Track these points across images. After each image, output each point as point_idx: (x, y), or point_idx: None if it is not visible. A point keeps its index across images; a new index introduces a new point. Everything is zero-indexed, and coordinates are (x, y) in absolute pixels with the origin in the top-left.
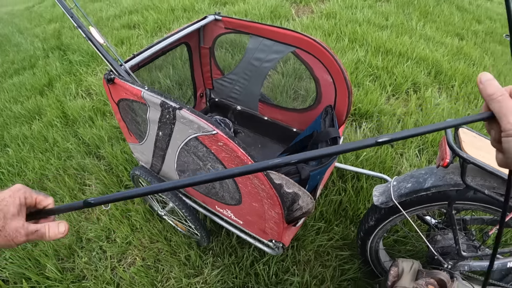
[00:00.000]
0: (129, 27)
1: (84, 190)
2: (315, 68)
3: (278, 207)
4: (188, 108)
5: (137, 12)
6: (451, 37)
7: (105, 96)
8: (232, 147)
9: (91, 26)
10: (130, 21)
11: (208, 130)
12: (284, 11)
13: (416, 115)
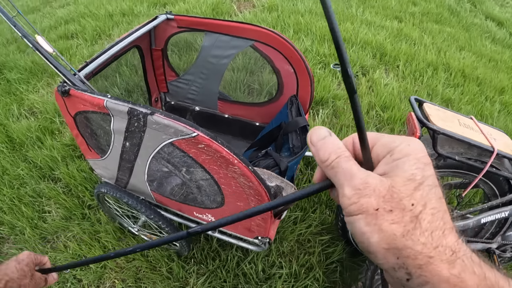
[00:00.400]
0: (66, 37)
1: (44, 217)
2: (275, 59)
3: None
4: (161, 112)
5: (74, 21)
6: (390, 20)
7: (50, 113)
8: (215, 148)
9: (38, 35)
10: (67, 31)
11: (187, 133)
12: (226, 7)
13: (368, 97)
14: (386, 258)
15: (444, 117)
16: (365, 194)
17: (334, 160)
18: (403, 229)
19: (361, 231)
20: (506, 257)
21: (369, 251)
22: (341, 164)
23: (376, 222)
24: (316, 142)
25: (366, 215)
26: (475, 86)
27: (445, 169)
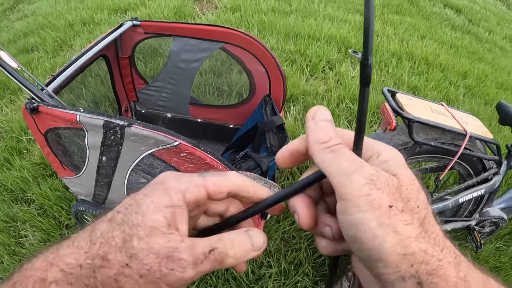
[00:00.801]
0: (27, 51)
1: (22, 243)
2: (245, 60)
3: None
4: (139, 123)
5: (33, 33)
6: (352, 14)
7: (16, 132)
8: (199, 155)
9: (1, 50)
10: (27, 44)
11: (168, 142)
12: (188, 10)
13: (337, 90)
14: (399, 266)
15: (417, 105)
16: (379, 187)
17: (336, 144)
18: (416, 232)
19: (373, 234)
20: (485, 232)
21: (379, 258)
22: (345, 150)
23: (390, 223)
24: (318, 120)
25: (379, 213)
26: (439, 73)
27: (422, 155)
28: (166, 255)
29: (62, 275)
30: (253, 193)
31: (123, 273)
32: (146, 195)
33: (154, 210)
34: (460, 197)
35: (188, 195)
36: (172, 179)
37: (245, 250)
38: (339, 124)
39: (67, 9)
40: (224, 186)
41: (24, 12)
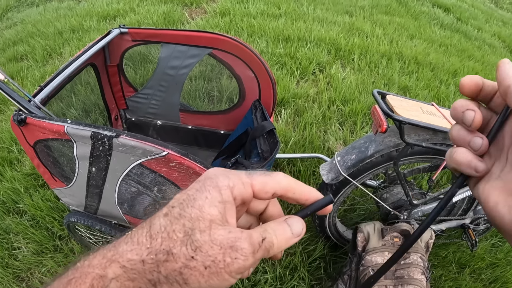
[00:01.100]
0: (16, 59)
1: (15, 255)
2: (234, 65)
3: None
4: (126, 133)
5: (22, 41)
6: (341, 15)
7: (7, 142)
8: (188, 165)
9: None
10: (16, 52)
11: (156, 152)
12: (178, 15)
13: (328, 93)
14: None
15: (407, 106)
16: None
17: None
18: None
19: None
20: (480, 230)
21: None
22: None
23: None
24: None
25: None
26: (429, 72)
27: (414, 156)
28: (229, 245)
29: (123, 271)
30: (299, 194)
31: (188, 266)
32: (198, 190)
33: (210, 204)
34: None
35: (235, 191)
36: (222, 175)
37: (286, 238)
38: (330, 126)
39: (56, 17)
40: (270, 186)
41: (13, 20)
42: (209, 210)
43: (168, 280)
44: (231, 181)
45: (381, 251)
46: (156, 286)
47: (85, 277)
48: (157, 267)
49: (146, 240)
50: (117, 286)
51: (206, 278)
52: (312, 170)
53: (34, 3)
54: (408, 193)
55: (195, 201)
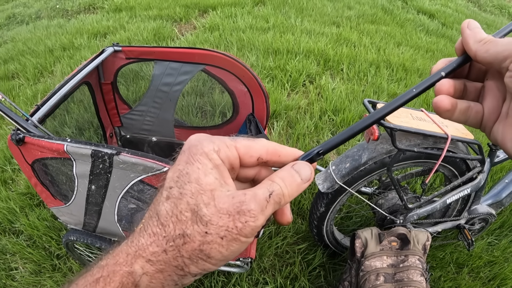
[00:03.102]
0: (7, 78)
1: (12, 275)
2: (227, 80)
3: None
4: (127, 151)
5: (13, 60)
6: (329, 26)
7: (0, 162)
8: None
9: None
10: (7, 71)
11: (157, 168)
12: (167, 31)
13: (319, 103)
14: None
15: (397, 114)
16: None
17: (492, 38)
18: None
19: None
20: (475, 229)
21: None
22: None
23: None
24: (472, 28)
25: None
26: (417, 78)
27: (406, 161)
28: (236, 211)
29: (150, 265)
30: (285, 157)
31: (206, 242)
32: (188, 162)
33: (204, 174)
34: (448, 198)
35: (222, 154)
36: (205, 140)
37: (297, 184)
38: (323, 136)
39: (47, 35)
40: (255, 150)
41: (3, 38)
42: (206, 180)
43: (192, 260)
44: (215, 144)
45: (380, 256)
46: (184, 270)
47: (114, 275)
48: (179, 252)
49: (160, 229)
50: (147, 280)
51: (225, 247)
52: None
53: (24, 21)
54: (403, 198)
55: (189, 175)
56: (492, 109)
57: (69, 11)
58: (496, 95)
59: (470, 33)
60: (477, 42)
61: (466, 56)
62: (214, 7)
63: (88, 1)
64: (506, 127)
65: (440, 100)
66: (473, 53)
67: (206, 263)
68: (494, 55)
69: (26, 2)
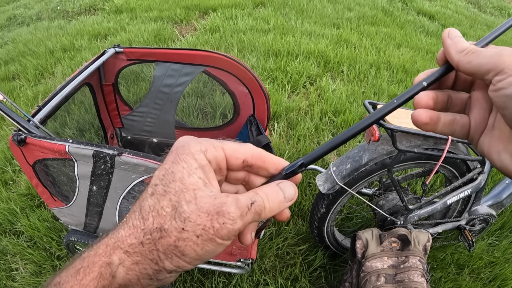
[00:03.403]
0: (8, 79)
1: (13, 276)
2: (228, 82)
3: None
4: (129, 151)
5: (14, 61)
6: (329, 28)
7: (1, 162)
8: None
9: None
10: (8, 72)
11: None
12: (168, 33)
13: (320, 105)
14: None
15: (397, 115)
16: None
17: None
18: None
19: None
20: (476, 230)
21: None
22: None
23: None
24: (453, 37)
25: None
26: None
27: (407, 162)
28: (215, 211)
29: (126, 256)
30: (269, 163)
31: (181, 238)
32: (174, 162)
33: (189, 174)
34: (448, 199)
35: (209, 155)
36: (192, 141)
37: (279, 202)
38: (323, 138)
39: (47, 36)
40: (241, 152)
41: (4, 39)
42: (189, 179)
43: (167, 255)
44: (202, 145)
45: (381, 257)
46: (159, 264)
47: (93, 265)
48: (155, 245)
49: (140, 222)
50: (124, 270)
51: (200, 246)
52: (307, 181)
53: (24, 22)
54: (403, 199)
55: (174, 174)
56: (479, 121)
57: (69, 13)
58: (483, 106)
59: (451, 43)
60: (459, 52)
61: (449, 65)
62: (214, 9)
63: (89, 2)
64: (492, 139)
65: (418, 114)
66: (455, 64)
67: (180, 260)
68: (476, 67)
69: (27, 3)
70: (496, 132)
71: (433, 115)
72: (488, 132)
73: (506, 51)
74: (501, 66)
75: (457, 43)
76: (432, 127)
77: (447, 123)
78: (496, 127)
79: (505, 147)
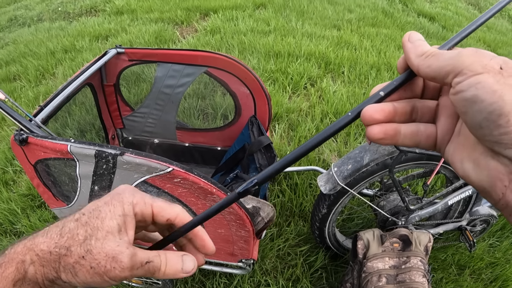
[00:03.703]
0: (9, 80)
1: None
2: (230, 83)
3: (248, 225)
4: (131, 151)
5: (15, 61)
6: (330, 29)
7: (1, 163)
8: (192, 180)
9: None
10: (9, 72)
11: (162, 169)
12: (169, 34)
13: (320, 106)
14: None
15: None
16: (485, 55)
17: (435, 51)
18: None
19: (492, 89)
20: (477, 230)
21: (500, 113)
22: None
23: (505, 81)
24: (414, 40)
25: (493, 73)
26: None
27: (408, 163)
28: (112, 256)
29: (37, 258)
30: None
31: (79, 263)
32: (106, 203)
33: (110, 217)
34: (449, 200)
35: (137, 208)
36: (128, 192)
37: (175, 270)
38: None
39: (48, 37)
40: (167, 212)
41: (5, 40)
42: (108, 222)
43: (65, 270)
44: (135, 198)
45: (382, 257)
46: (58, 273)
47: (12, 261)
48: (59, 258)
49: (56, 236)
50: (33, 269)
51: (90, 275)
52: (308, 182)
53: (25, 23)
54: (405, 199)
55: (100, 212)
56: (445, 129)
57: (70, 14)
58: (450, 113)
59: (411, 47)
60: (419, 56)
61: (410, 72)
62: (215, 10)
63: (90, 3)
64: (457, 146)
65: (370, 130)
66: (415, 68)
67: (73, 278)
68: (436, 70)
69: (28, 4)
70: (461, 139)
71: (388, 129)
72: (454, 139)
73: (465, 51)
74: (460, 67)
75: (418, 46)
76: (390, 141)
77: (408, 135)
78: (462, 134)
79: (468, 155)
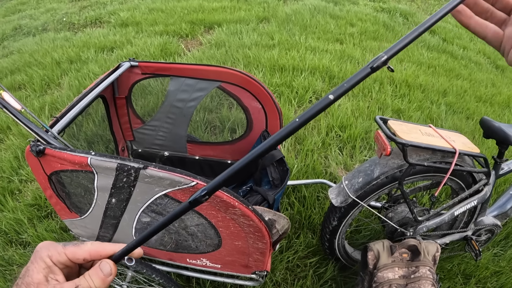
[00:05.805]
0: (14, 88)
1: None
2: (242, 97)
3: (266, 237)
4: (154, 165)
5: (20, 70)
6: (332, 43)
7: (7, 172)
8: (216, 194)
9: (3, 91)
10: (14, 81)
11: (185, 183)
12: (174, 47)
13: (326, 120)
14: None
15: (407, 130)
16: None
17: None
18: None
19: None
20: (482, 240)
21: None
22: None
23: None
24: None
25: None
26: (420, 93)
27: (416, 175)
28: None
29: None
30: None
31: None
32: (32, 262)
33: (37, 272)
34: (455, 210)
35: (54, 259)
36: (44, 248)
37: (100, 279)
38: (330, 152)
39: (53, 47)
40: (80, 254)
41: (10, 49)
42: (36, 276)
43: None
44: (50, 251)
45: (392, 267)
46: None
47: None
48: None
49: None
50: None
51: None
52: (316, 195)
53: (30, 32)
54: (413, 211)
55: (29, 271)
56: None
57: (75, 25)
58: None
59: None
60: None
61: None
62: (219, 24)
63: (95, 15)
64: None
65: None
66: None
67: None
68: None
69: (32, 14)
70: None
71: (465, 9)
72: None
73: None
74: None
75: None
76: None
77: (479, 23)
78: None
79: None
